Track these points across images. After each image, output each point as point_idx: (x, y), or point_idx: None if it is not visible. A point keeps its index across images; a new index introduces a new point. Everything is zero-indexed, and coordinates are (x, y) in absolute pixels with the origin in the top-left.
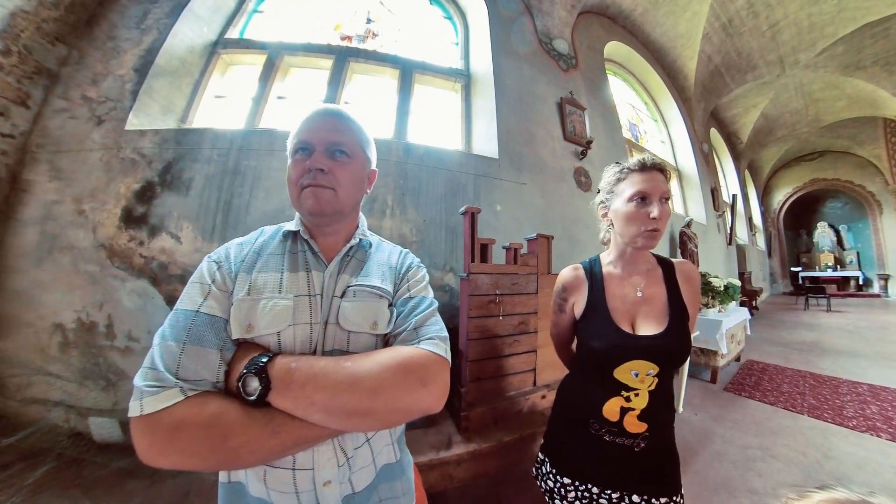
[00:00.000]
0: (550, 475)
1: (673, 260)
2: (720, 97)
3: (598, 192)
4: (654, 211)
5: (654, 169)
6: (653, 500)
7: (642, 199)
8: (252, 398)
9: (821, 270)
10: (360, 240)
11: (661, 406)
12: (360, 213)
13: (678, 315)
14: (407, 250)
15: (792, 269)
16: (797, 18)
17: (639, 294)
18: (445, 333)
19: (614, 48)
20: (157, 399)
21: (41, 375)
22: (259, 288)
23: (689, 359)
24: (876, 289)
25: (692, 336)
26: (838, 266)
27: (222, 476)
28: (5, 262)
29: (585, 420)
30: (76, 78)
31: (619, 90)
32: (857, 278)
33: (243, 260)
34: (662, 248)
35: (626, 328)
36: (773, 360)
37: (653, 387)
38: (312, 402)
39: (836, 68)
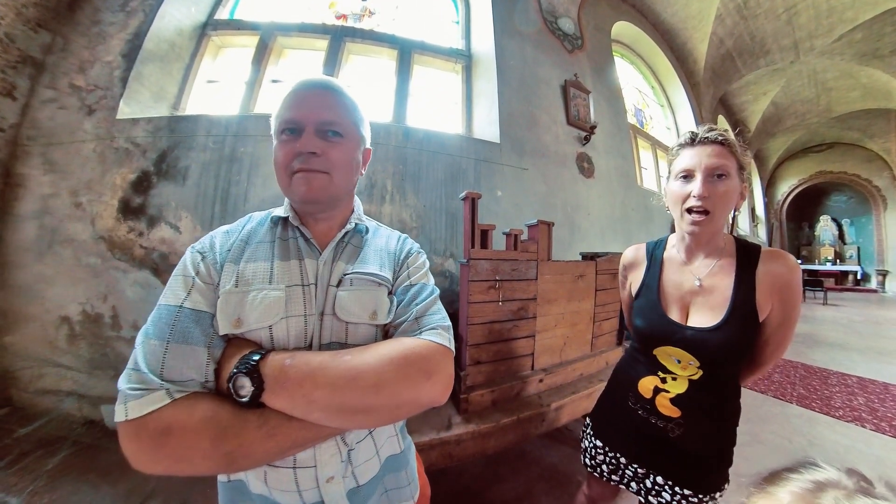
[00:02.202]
0: (589, 436)
1: (764, 250)
2: (730, 83)
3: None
4: (694, 187)
5: (706, 142)
6: (676, 488)
7: (685, 176)
8: (244, 399)
9: (820, 264)
10: (356, 225)
11: (704, 400)
12: (356, 197)
13: (739, 313)
14: (406, 235)
15: None
16: (816, 1)
17: (696, 283)
18: (448, 322)
19: (622, 29)
20: (141, 403)
21: (51, 367)
22: (247, 279)
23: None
24: (873, 284)
25: (775, 344)
26: (838, 260)
27: (221, 475)
28: (7, 257)
29: (625, 392)
30: (62, 66)
31: (626, 73)
32: (855, 273)
33: (229, 249)
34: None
35: (675, 315)
36: None
37: (696, 377)
38: (311, 400)
39: (852, 56)
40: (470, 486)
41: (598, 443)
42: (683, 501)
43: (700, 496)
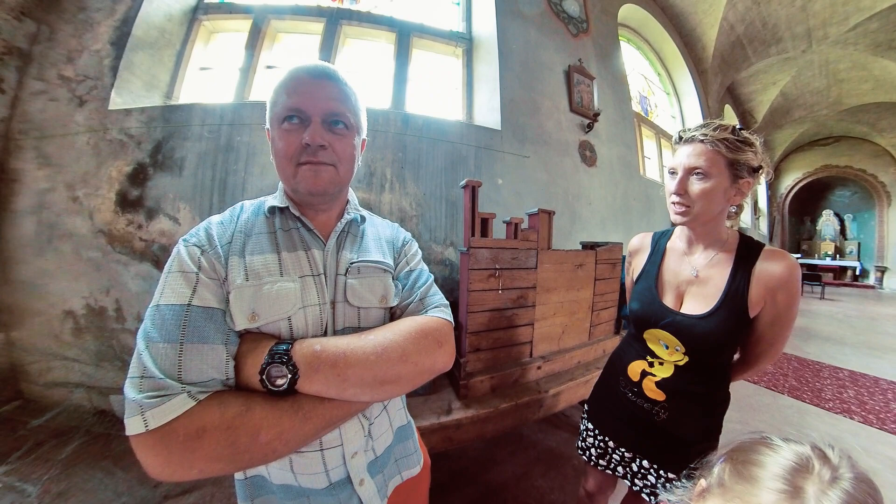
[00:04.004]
0: (584, 418)
1: (766, 249)
2: (739, 71)
3: None
4: (672, 185)
5: (690, 141)
6: (661, 471)
7: (672, 172)
8: (282, 388)
9: (819, 258)
10: (354, 215)
11: (688, 385)
12: (350, 188)
13: (730, 305)
14: (397, 224)
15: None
16: None
17: (693, 273)
18: (446, 301)
19: (629, 12)
20: (163, 410)
21: (59, 360)
22: (257, 271)
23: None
24: (872, 280)
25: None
26: (838, 255)
27: (238, 473)
28: (7, 253)
29: (617, 377)
30: (50, 56)
31: (632, 59)
32: (854, 268)
33: (230, 242)
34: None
35: (669, 302)
36: None
37: (682, 363)
38: (345, 378)
39: (866, 47)
40: (469, 468)
41: (590, 426)
42: (668, 484)
43: (683, 481)
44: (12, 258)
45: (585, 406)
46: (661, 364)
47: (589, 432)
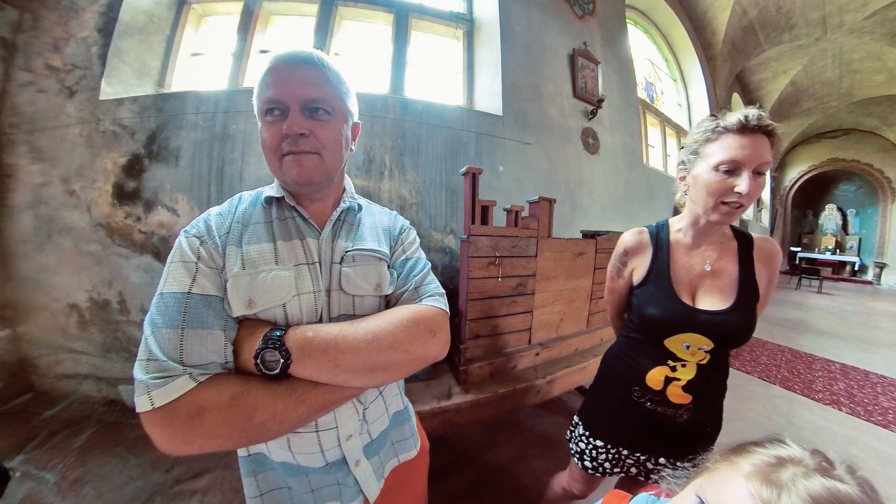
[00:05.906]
0: (582, 438)
1: (753, 235)
2: (749, 59)
3: (682, 147)
4: (743, 184)
5: (759, 131)
6: (678, 464)
7: (731, 168)
8: (274, 372)
9: (819, 253)
10: (350, 203)
11: (710, 381)
12: (346, 176)
13: (748, 294)
14: (395, 212)
15: (791, 248)
16: None
17: (707, 267)
18: (442, 290)
19: None
20: (166, 390)
21: (66, 353)
22: (253, 260)
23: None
24: (870, 276)
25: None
26: (838, 250)
27: (241, 450)
28: (7, 250)
29: (628, 387)
30: (35, 45)
31: (638, 43)
32: (853, 264)
33: (228, 232)
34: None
35: (686, 300)
36: (756, 333)
37: (704, 361)
38: (336, 364)
39: (883, 36)
40: (468, 451)
41: (599, 443)
42: (683, 471)
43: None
44: (13, 254)
45: (579, 421)
46: (683, 366)
47: (599, 450)
